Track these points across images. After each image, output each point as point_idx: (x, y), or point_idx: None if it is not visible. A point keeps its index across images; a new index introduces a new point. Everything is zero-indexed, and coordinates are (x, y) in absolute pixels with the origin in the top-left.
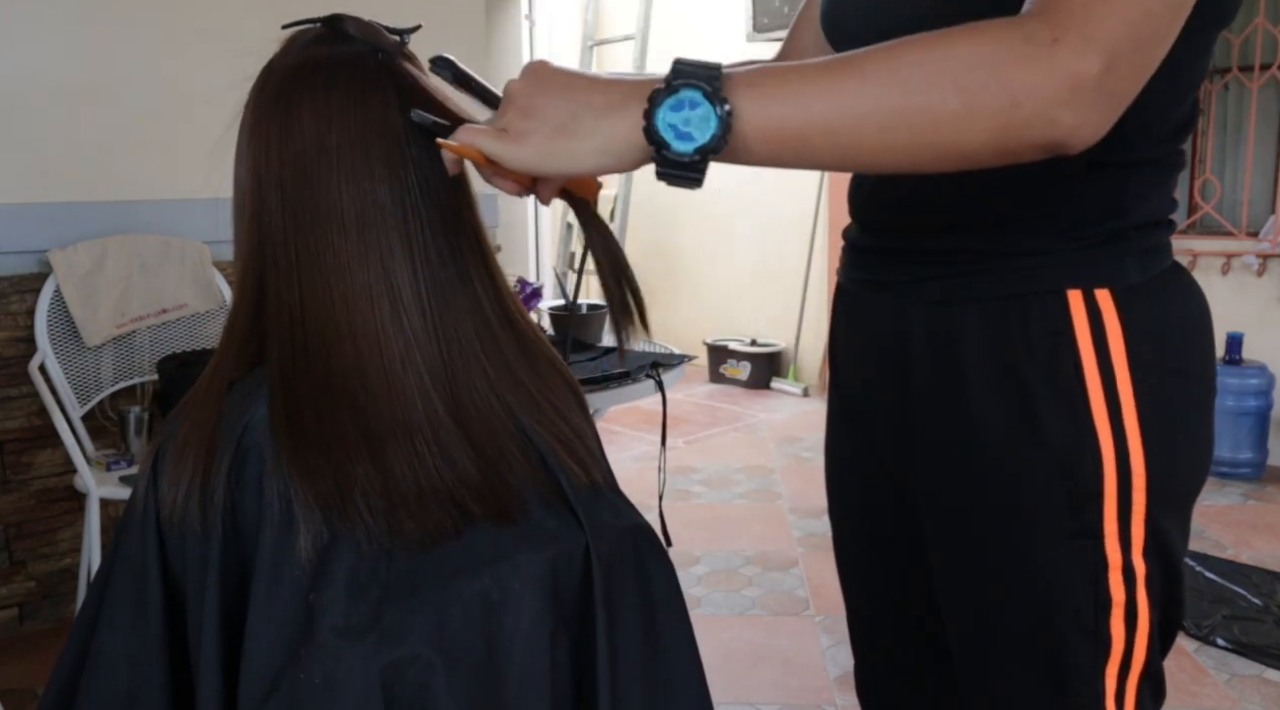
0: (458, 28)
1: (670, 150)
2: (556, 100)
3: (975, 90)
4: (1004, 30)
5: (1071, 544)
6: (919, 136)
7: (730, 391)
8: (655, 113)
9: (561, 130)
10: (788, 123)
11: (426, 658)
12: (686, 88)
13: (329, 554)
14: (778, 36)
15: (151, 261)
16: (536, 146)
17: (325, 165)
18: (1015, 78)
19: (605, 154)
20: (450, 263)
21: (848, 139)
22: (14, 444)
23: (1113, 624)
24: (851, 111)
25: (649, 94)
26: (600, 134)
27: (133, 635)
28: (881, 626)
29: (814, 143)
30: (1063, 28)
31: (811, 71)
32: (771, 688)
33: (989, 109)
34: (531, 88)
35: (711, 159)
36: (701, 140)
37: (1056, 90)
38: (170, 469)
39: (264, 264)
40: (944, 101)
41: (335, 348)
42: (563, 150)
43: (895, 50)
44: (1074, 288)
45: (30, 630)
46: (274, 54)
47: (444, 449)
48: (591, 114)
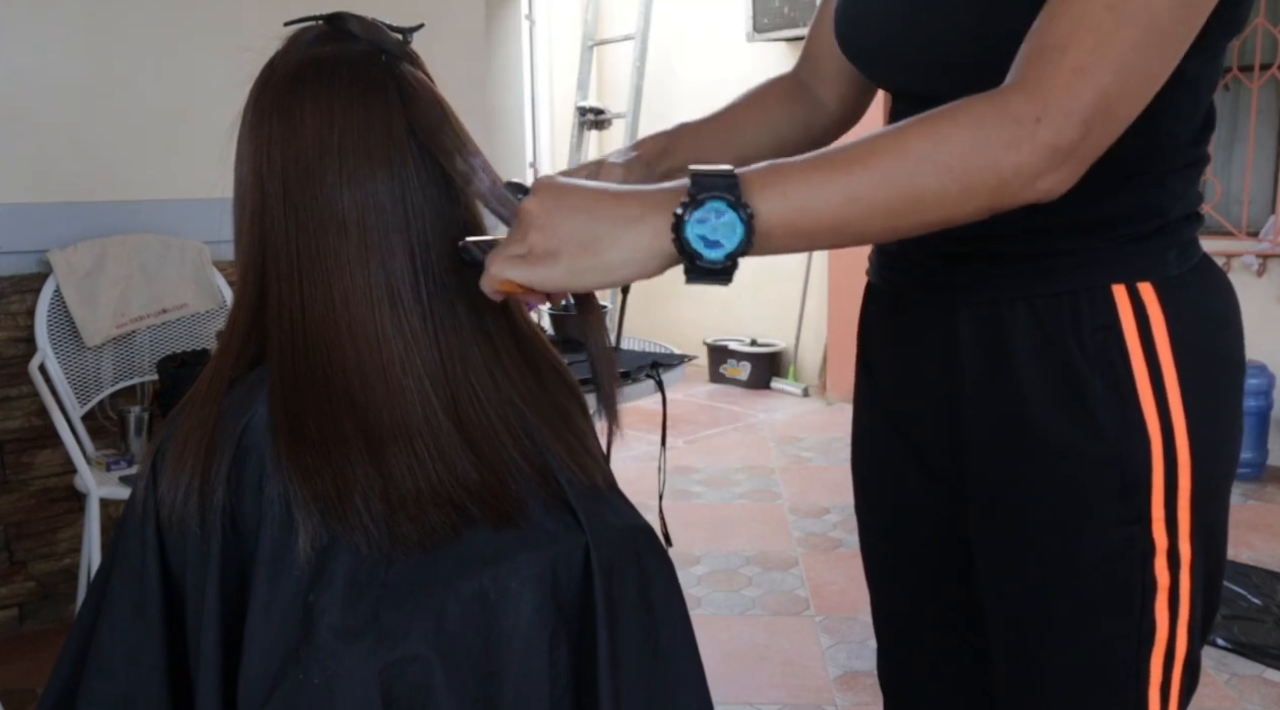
0: (458, 28)
1: (703, 260)
2: (576, 218)
3: (971, 174)
4: (993, 112)
5: (1121, 531)
6: (922, 216)
7: (730, 391)
8: (684, 226)
9: (586, 248)
10: (805, 217)
11: (425, 658)
12: (711, 199)
13: (328, 555)
14: (778, 36)
15: (151, 261)
16: (566, 267)
17: (327, 166)
18: (1005, 160)
19: (632, 265)
20: (451, 264)
21: (860, 225)
22: (14, 444)
23: (1158, 610)
24: (862, 202)
25: (672, 206)
26: (625, 247)
27: (132, 636)
28: (911, 624)
29: (829, 231)
30: (1044, 106)
31: (823, 167)
32: (771, 688)
33: (983, 189)
34: (548, 207)
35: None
36: (730, 246)
37: (1038, 165)
38: (170, 469)
39: (265, 263)
40: (944, 187)
41: (335, 349)
42: (591, 267)
43: (897, 140)
44: (1118, 283)
45: (30, 630)
46: (276, 52)
47: (443, 452)
48: (613, 229)
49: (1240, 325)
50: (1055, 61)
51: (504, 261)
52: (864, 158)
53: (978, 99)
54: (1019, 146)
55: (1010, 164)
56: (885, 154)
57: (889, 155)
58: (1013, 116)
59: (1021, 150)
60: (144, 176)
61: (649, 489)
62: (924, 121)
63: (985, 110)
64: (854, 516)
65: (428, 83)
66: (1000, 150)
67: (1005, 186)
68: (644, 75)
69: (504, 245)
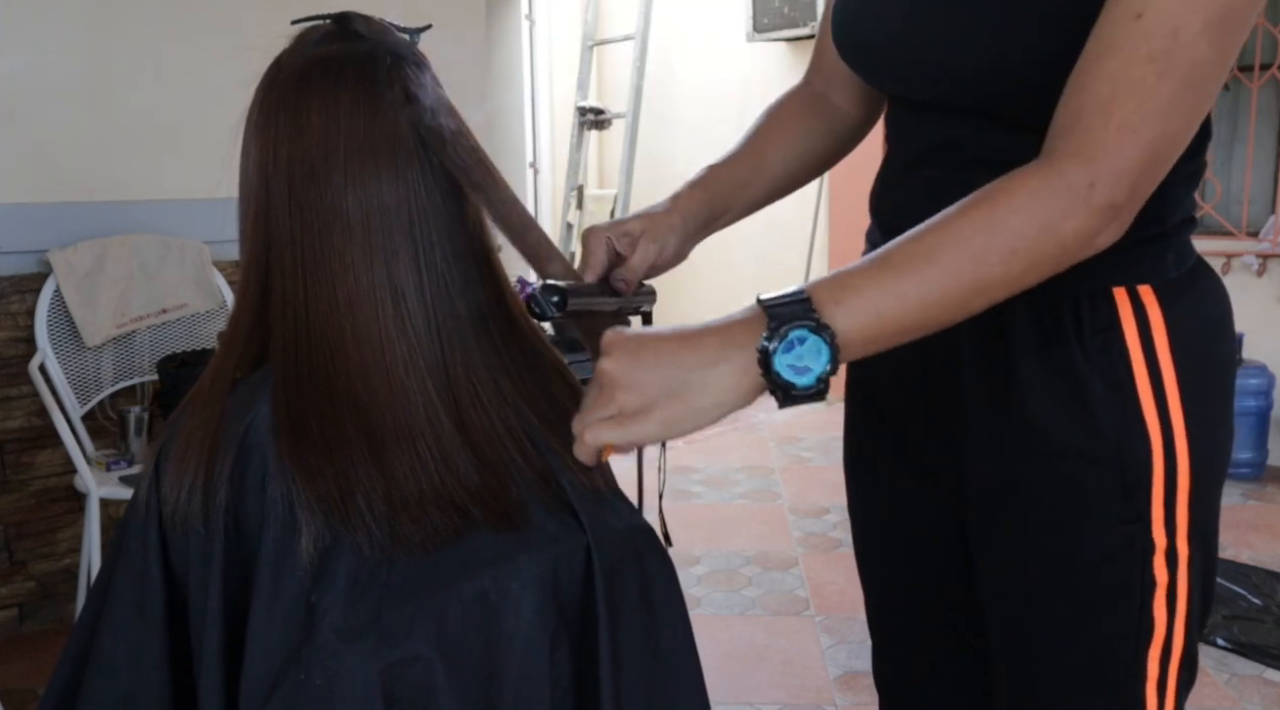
0: (458, 28)
1: (796, 389)
2: (658, 372)
3: (1035, 251)
4: (1047, 187)
5: (1121, 530)
6: (992, 295)
7: None
8: (772, 362)
9: (676, 398)
10: (882, 324)
11: (427, 658)
12: (793, 329)
13: (330, 555)
14: (778, 36)
15: (151, 261)
16: (659, 420)
17: (332, 166)
18: (1064, 230)
19: (723, 405)
20: (454, 265)
21: (934, 321)
22: (14, 444)
23: (1156, 607)
24: (934, 301)
25: (753, 341)
26: (712, 389)
27: (133, 635)
28: (909, 623)
29: (905, 332)
30: (1096, 170)
31: (889, 271)
32: (771, 688)
33: (1047, 260)
34: (628, 366)
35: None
36: (819, 369)
37: (1095, 226)
38: (173, 468)
39: (269, 263)
40: (1009, 271)
41: (339, 349)
42: (684, 415)
43: (958, 233)
44: (1119, 286)
45: (30, 630)
46: (282, 51)
47: (445, 453)
48: (699, 375)
49: (1234, 326)
50: (1101, 123)
51: (597, 427)
52: (929, 255)
53: (1030, 174)
54: (1076, 214)
55: (1070, 231)
56: (949, 249)
57: (953, 250)
58: (1067, 186)
59: (1079, 217)
60: (144, 176)
61: (649, 489)
62: (981, 207)
63: (1040, 186)
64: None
65: (434, 84)
66: (1059, 222)
67: (1067, 252)
68: (644, 75)
69: (590, 409)
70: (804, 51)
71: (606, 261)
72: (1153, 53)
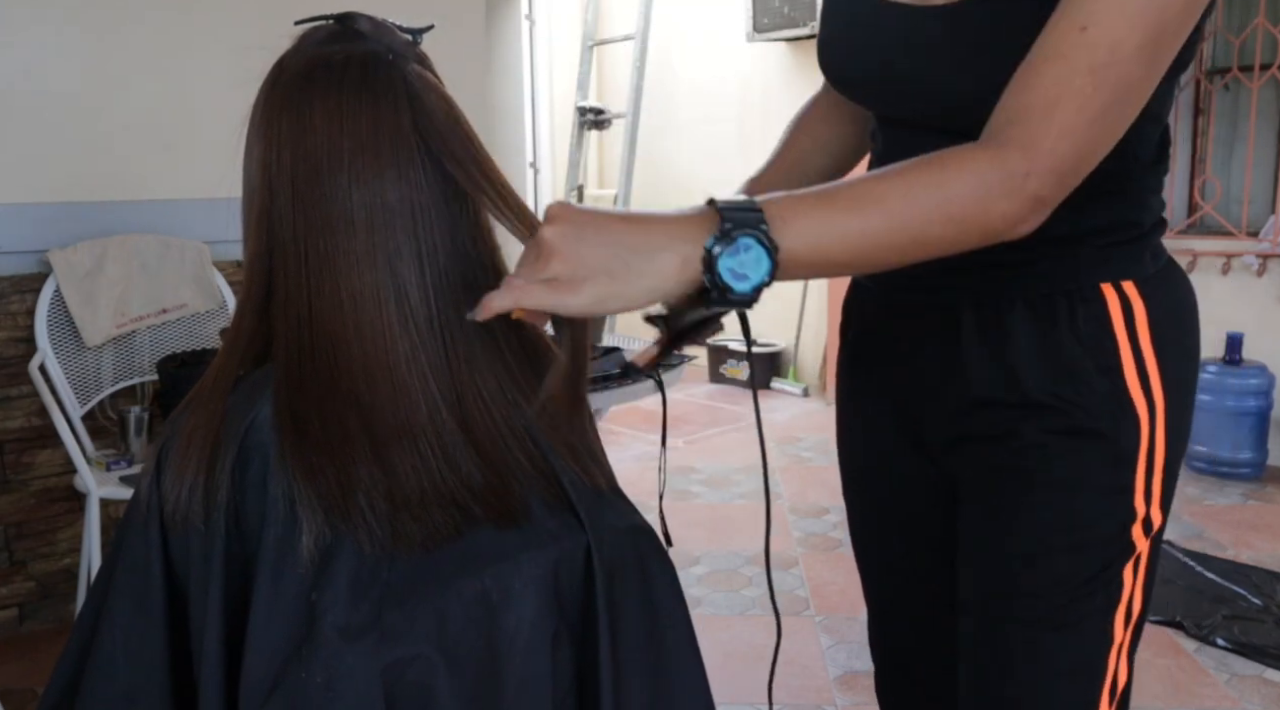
0: (458, 28)
1: (733, 292)
2: (600, 247)
3: (969, 220)
4: (993, 168)
5: (1108, 500)
6: (922, 251)
7: (730, 391)
8: (716, 263)
9: (612, 276)
10: (820, 253)
11: (427, 657)
12: (742, 236)
13: (331, 553)
14: (778, 36)
15: (151, 261)
16: (591, 294)
17: (335, 166)
18: (996, 209)
19: (656, 292)
20: (456, 263)
21: (870, 258)
22: (14, 444)
23: (1125, 571)
24: (874, 241)
25: (701, 238)
26: (650, 275)
27: (133, 633)
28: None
29: (840, 266)
30: (1035, 164)
31: (838, 204)
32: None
33: (976, 232)
34: (571, 235)
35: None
36: (756, 279)
37: (1022, 214)
38: (174, 465)
39: (272, 262)
40: (945, 233)
41: (342, 348)
42: (616, 295)
43: (908, 185)
44: (1106, 282)
45: (30, 630)
46: (285, 50)
47: (447, 452)
48: (638, 257)
49: (1198, 318)
50: (1045, 122)
51: (524, 288)
52: (878, 200)
53: (980, 152)
54: (1009, 196)
55: (1000, 213)
56: (897, 199)
57: (900, 201)
58: (1008, 172)
59: (1012, 201)
60: (144, 176)
61: (649, 489)
62: (933, 169)
63: (986, 166)
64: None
65: (437, 84)
66: (995, 199)
67: (993, 231)
68: (644, 75)
69: (522, 269)
70: (804, 52)
71: None
72: (1093, 64)
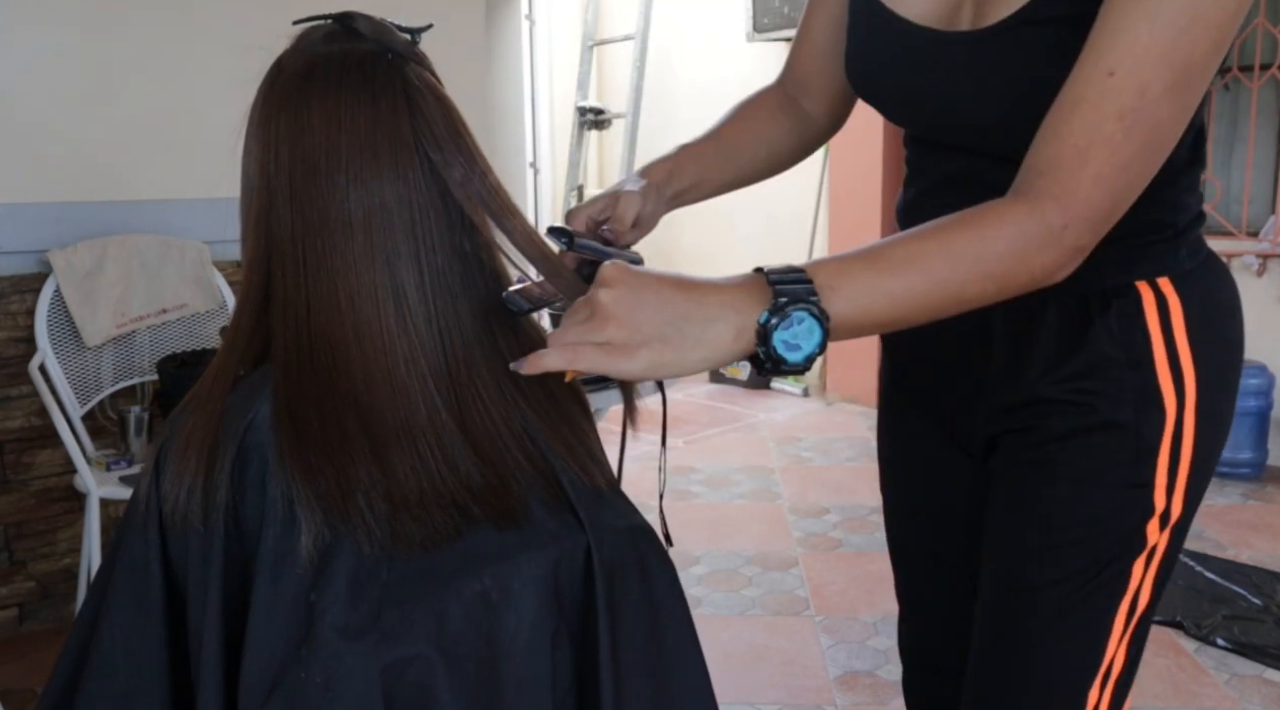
0: (458, 28)
1: (786, 364)
2: (656, 314)
3: (1009, 277)
4: (1031, 223)
5: (1126, 493)
6: (963, 306)
7: (730, 391)
8: (771, 336)
9: (667, 343)
10: (868, 317)
11: (427, 657)
12: (795, 309)
13: (330, 554)
14: (778, 36)
15: (151, 261)
16: (646, 360)
17: (334, 166)
18: (1037, 262)
19: (710, 361)
20: (455, 263)
21: (912, 317)
22: (14, 444)
23: (1135, 564)
24: (918, 303)
25: (755, 311)
26: (705, 345)
27: (133, 633)
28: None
29: (884, 326)
30: (1071, 215)
31: (882, 268)
32: (771, 688)
33: (1017, 285)
34: (628, 300)
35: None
36: (809, 349)
37: (1063, 263)
38: (173, 466)
39: (271, 262)
40: (985, 289)
41: (340, 348)
42: (671, 362)
43: (947, 245)
44: (1141, 279)
45: (30, 630)
46: (284, 50)
47: (446, 452)
48: (693, 326)
49: (1242, 312)
50: (1077, 172)
51: (579, 350)
52: (920, 261)
53: (1015, 208)
54: (1048, 249)
55: (1040, 265)
56: (938, 261)
57: (941, 263)
58: (1046, 226)
59: (1051, 254)
60: (144, 176)
61: (649, 489)
62: (971, 229)
63: (1023, 221)
64: (854, 516)
65: (435, 84)
66: (1035, 255)
67: (1034, 281)
68: (644, 75)
69: (576, 330)
70: None
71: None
72: (1121, 110)
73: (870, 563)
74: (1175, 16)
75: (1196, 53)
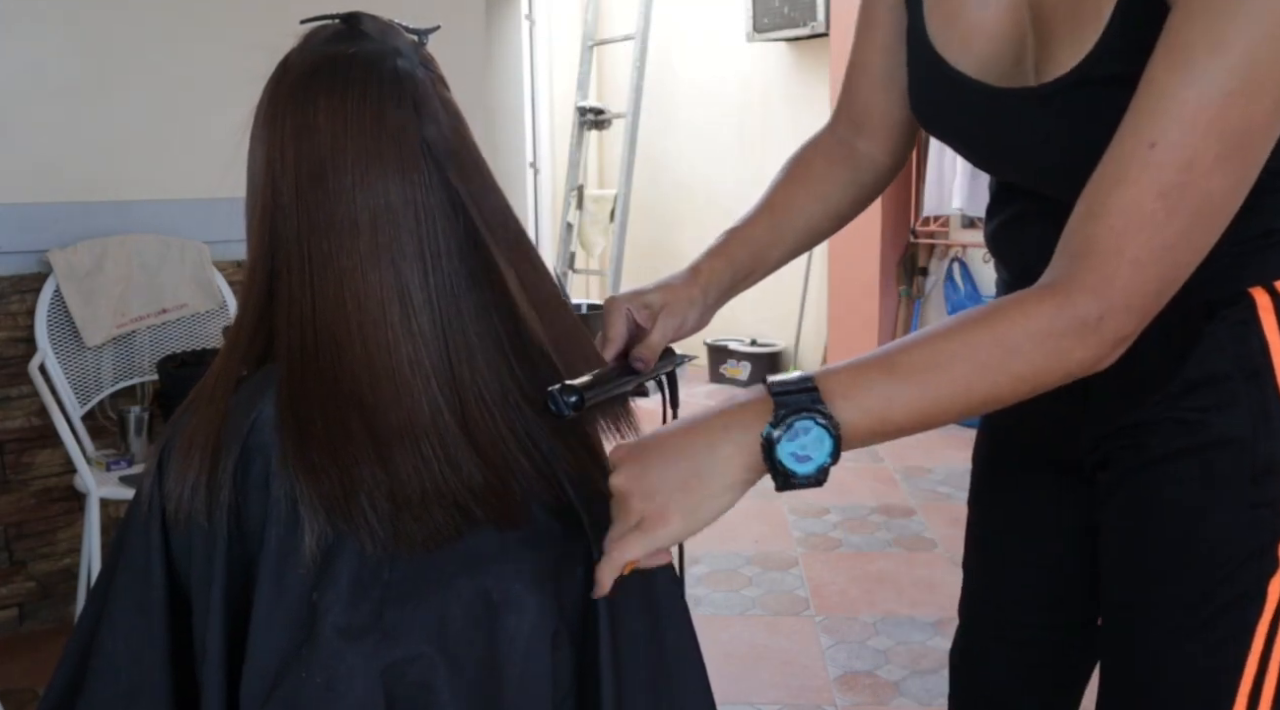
0: (458, 28)
1: (797, 478)
2: (666, 468)
3: (1041, 373)
4: (1061, 318)
5: (1251, 514)
6: (996, 405)
7: (730, 391)
8: (775, 449)
9: (687, 489)
10: (886, 424)
11: (428, 657)
12: (798, 419)
13: (333, 554)
14: (778, 36)
15: (151, 261)
16: (679, 518)
17: (340, 166)
18: (1074, 358)
19: (735, 486)
20: (459, 265)
21: (937, 421)
22: (14, 444)
23: (1271, 585)
24: (940, 409)
25: (756, 426)
26: (720, 471)
27: (135, 633)
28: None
29: (909, 430)
30: (1109, 305)
31: (899, 373)
32: (771, 688)
33: (1054, 380)
34: (636, 473)
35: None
36: (820, 459)
37: (1101, 355)
38: (176, 466)
39: (275, 261)
40: (1017, 389)
41: (345, 348)
42: (699, 503)
43: (970, 347)
44: (1256, 285)
45: (30, 630)
46: (291, 49)
47: (449, 453)
48: (703, 459)
49: None
50: (1114, 258)
51: (623, 544)
52: (942, 366)
53: (1044, 300)
54: (1085, 342)
55: (1078, 360)
56: (960, 363)
57: (964, 364)
58: (1080, 319)
59: (1089, 348)
60: (144, 176)
61: None
62: (996, 327)
63: (1054, 315)
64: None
65: (442, 89)
66: (1069, 352)
67: (1071, 375)
68: (644, 75)
69: (615, 527)
70: (804, 52)
71: (626, 335)
72: (1164, 188)
73: (870, 563)
74: (1225, 80)
75: (1254, 117)
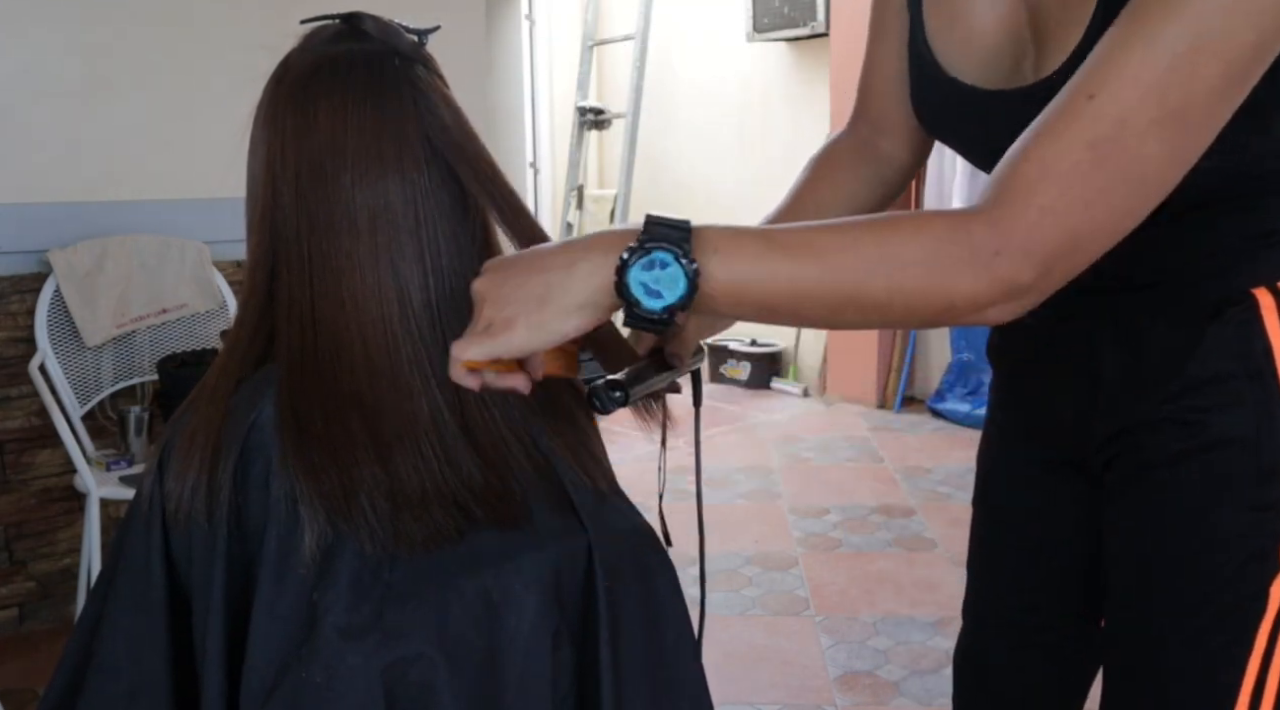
0: (458, 28)
1: (641, 308)
2: (524, 278)
3: (919, 294)
4: (952, 237)
5: (1253, 516)
6: (861, 317)
7: (730, 391)
8: (627, 271)
9: (542, 301)
10: (749, 290)
11: (428, 657)
12: (658, 249)
13: (333, 554)
14: (778, 36)
15: (151, 261)
16: (525, 325)
17: (339, 166)
18: (955, 285)
19: (587, 306)
20: (459, 265)
21: (801, 311)
22: (14, 444)
23: (1273, 587)
24: (807, 290)
25: (618, 249)
26: (575, 290)
27: (135, 633)
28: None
29: (771, 309)
30: (1006, 239)
31: (777, 245)
32: (771, 688)
33: (928, 310)
34: (496, 279)
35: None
36: (670, 299)
37: (990, 296)
38: (176, 465)
39: (275, 261)
40: (889, 300)
41: (345, 349)
42: (549, 318)
43: (853, 240)
44: (1259, 285)
45: (30, 630)
46: (291, 49)
47: (449, 453)
48: (558, 274)
49: None
50: (1024, 199)
51: (463, 343)
52: (818, 248)
53: (942, 217)
54: (973, 272)
55: (961, 291)
56: (838, 251)
57: (842, 253)
58: (972, 247)
59: (975, 280)
60: (144, 176)
61: (649, 489)
62: (883, 228)
63: (946, 233)
64: (854, 516)
65: (442, 87)
66: (953, 272)
67: (952, 309)
68: (644, 75)
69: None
70: (804, 51)
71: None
72: (1094, 139)
73: (870, 563)
74: (1173, 43)
75: (1195, 87)
